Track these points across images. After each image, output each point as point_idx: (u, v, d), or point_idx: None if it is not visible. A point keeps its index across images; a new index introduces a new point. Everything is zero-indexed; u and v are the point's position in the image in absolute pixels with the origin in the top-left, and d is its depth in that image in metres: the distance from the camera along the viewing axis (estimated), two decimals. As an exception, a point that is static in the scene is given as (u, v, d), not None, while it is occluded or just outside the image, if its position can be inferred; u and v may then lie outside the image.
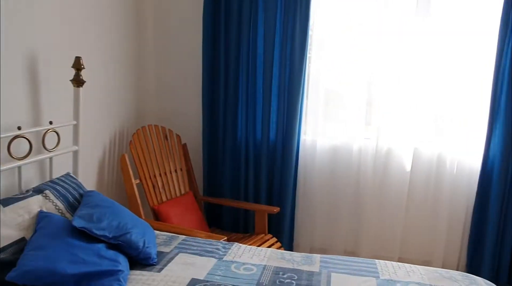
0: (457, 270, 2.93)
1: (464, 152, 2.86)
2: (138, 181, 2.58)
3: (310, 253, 2.80)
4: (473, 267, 2.87)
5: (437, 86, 2.82)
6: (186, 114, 3.19)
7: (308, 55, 2.87)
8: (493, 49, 2.63)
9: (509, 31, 2.55)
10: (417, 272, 1.88)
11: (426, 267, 1.95)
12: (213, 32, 2.95)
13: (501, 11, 2.55)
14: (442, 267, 2.94)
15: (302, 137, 3.01)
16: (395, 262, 1.99)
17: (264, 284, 1.71)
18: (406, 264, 1.96)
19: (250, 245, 2.44)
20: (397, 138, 2.93)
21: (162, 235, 2.17)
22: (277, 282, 1.73)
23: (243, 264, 1.89)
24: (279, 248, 2.66)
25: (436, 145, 2.89)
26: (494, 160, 2.72)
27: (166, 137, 2.88)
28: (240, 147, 3.03)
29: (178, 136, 2.98)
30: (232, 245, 2.10)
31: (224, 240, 2.21)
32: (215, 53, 2.97)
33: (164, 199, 2.70)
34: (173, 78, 3.17)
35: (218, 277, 1.74)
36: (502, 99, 2.64)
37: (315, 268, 1.88)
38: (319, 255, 2.04)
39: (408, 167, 2.91)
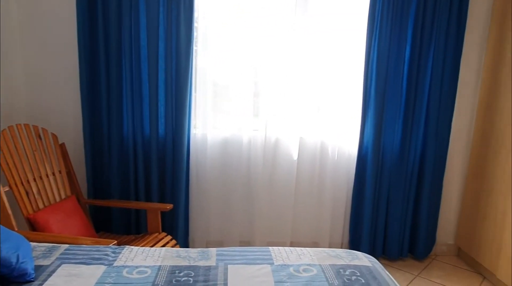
0: (341, 248, 3.20)
1: (343, 139, 3.10)
2: (7, 188, 2.27)
3: (206, 247, 2.79)
4: (354, 244, 3.16)
5: (317, 79, 3.01)
6: (63, 111, 2.91)
7: (194, 48, 2.83)
8: (363, 44, 2.89)
9: (375, 28, 2.83)
10: (307, 254, 1.99)
11: (315, 248, 2.08)
12: (90, 21, 2.71)
13: (368, 10, 2.81)
14: (329, 247, 3.19)
15: (193, 131, 2.97)
16: (287, 247, 2.08)
17: (159, 285, 1.64)
18: (297, 248, 2.06)
19: (143, 246, 2.34)
20: (284, 129, 3.06)
21: (40, 247, 1.94)
22: (174, 282, 1.67)
23: (136, 267, 1.79)
24: (174, 246, 2.60)
25: (319, 134, 3.09)
26: (368, 145, 3.02)
27: (39, 137, 2.58)
28: (127, 144, 2.87)
29: (54, 135, 2.69)
30: (123, 249, 1.97)
31: (114, 244, 2.07)
32: (93, 45, 2.74)
33: (41, 206, 2.43)
34: (46, 72, 2.85)
35: (108, 285, 1.62)
36: (372, 90, 2.92)
37: (211, 262, 1.87)
38: (215, 248, 2.04)
39: (295, 156, 3.07)
